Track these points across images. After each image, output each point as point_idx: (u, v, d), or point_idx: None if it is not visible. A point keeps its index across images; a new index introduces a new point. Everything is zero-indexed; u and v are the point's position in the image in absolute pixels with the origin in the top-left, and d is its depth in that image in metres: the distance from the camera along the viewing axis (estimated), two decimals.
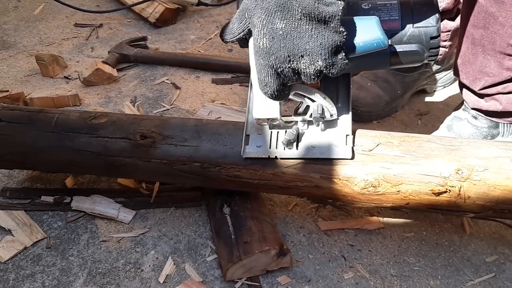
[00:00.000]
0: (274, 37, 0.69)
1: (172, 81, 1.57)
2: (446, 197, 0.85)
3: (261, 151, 0.88)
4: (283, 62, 0.71)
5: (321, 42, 0.69)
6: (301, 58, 0.70)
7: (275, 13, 0.68)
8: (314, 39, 0.69)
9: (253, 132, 0.90)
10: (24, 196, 1.11)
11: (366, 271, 0.94)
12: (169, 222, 1.05)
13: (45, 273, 0.95)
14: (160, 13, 1.91)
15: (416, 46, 0.80)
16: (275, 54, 0.70)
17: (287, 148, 0.87)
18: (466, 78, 1.12)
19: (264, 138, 0.89)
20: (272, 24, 0.69)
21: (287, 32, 0.69)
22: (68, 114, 1.02)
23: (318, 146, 0.86)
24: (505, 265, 0.95)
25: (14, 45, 1.81)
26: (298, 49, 0.69)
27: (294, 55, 0.70)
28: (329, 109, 0.84)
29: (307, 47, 0.69)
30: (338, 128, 0.87)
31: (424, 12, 0.80)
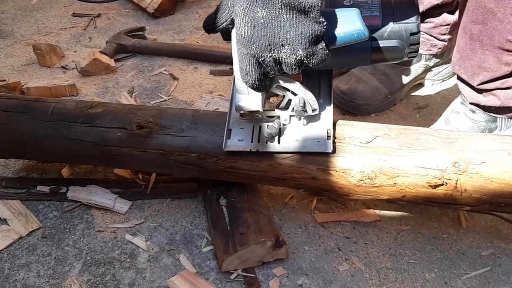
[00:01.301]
0: (255, 25, 0.69)
1: (170, 72, 1.57)
2: (442, 190, 0.85)
3: (242, 145, 0.88)
4: (264, 50, 0.70)
5: (302, 31, 0.68)
6: (281, 47, 0.70)
7: (256, 2, 0.68)
8: (294, 28, 0.68)
9: (235, 126, 0.90)
10: (20, 185, 1.11)
11: (361, 263, 0.94)
12: (165, 213, 1.05)
13: (40, 263, 0.94)
14: (158, 3, 1.90)
15: (397, 42, 0.80)
16: (256, 42, 0.70)
17: (269, 142, 0.87)
18: (464, 73, 1.12)
19: (246, 132, 0.89)
20: (253, 13, 0.69)
21: (267, 20, 0.69)
22: (64, 103, 1.01)
23: (299, 140, 0.87)
24: (501, 259, 0.95)
25: (11, 34, 1.80)
26: (278, 38, 0.69)
27: (275, 43, 0.70)
28: (311, 104, 0.85)
29: (287, 36, 0.69)
30: (320, 123, 0.88)
31: (405, 9, 0.81)
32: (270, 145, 0.87)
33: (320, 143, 0.86)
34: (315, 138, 0.87)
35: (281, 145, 0.87)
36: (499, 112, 1.13)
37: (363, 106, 1.35)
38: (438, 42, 1.35)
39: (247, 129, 0.90)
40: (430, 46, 1.36)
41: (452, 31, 1.34)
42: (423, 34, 1.34)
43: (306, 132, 0.88)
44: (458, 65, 1.13)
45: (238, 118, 0.90)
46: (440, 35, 1.34)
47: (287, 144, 0.87)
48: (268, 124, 0.88)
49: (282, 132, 0.88)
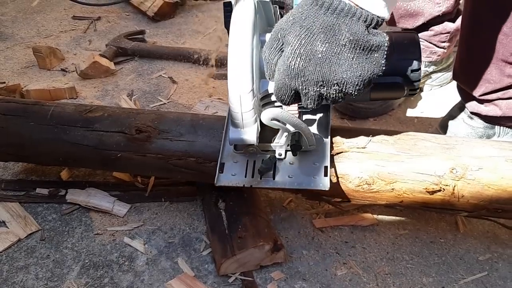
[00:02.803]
0: (310, 59, 0.64)
1: (169, 75, 1.57)
2: (440, 196, 0.85)
3: (235, 180, 0.84)
4: (312, 85, 0.66)
5: (361, 73, 0.64)
6: (333, 85, 0.65)
7: (318, 35, 0.63)
8: (353, 68, 0.64)
9: (229, 160, 0.86)
10: (19, 188, 1.11)
11: (359, 267, 0.95)
12: (164, 216, 1.05)
13: (39, 265, 0.95)
14: (158, 7, 1.90)
15: (398, 78, 0.79)
16: (306, 76, 0.65)
17: (263, 177, 0.83)
18: (466, 83, 1.12)
19: (240, 166, 0.85)
20: (311, 46, 0.63)
21: (326, 56, 0.63)
22: (63, 107, 1.01)
23: (295, 176, 0.83)
24: (498, 264, 0.96)
25: (11, 37, 1.80)
26: (334, 76, 0.64)
27: (328, 81, 0.65)
28: (308, 139, 0.81)
29: (344, 76, 0.64)
30: (317, 158, 0.84)
31: (406, 46, 0.80)
32: (264, 181, 0.83)
33: (316, 180, 0.82)
34: (311, 174, 0.83)
35: (276, 180, 0.83)
36: (500, 121, 1.13)
37: (362, 110, 1.36)
38: (437, 49, 1.36)
39: (241, 163, 0.85)
40: (430, 53, 1.37)
41: (452, 38, 1.34)
42: (423, 41, 1.35)
43: (302, 167, 0.84)
44: (459, 75, 1.13)
45: (232, 151, 0.87)
46: (440, 43, 1.35)
47: (282, 180, 0.83)
48: (263, 158, 0.84)
49: (277, 167, 0.84)
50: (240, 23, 0.71)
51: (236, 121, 0.77)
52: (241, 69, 0.70)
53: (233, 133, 0.79)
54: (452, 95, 1.44)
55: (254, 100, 0.74)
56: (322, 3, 0.62)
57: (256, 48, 0.73)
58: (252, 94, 0.73)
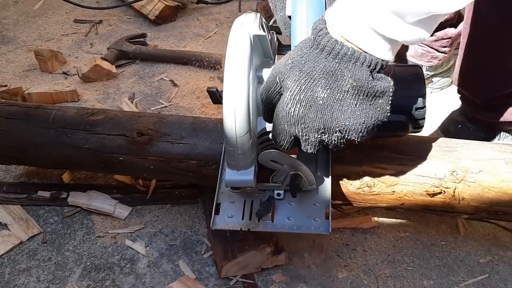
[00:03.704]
0: (311, 105, 0.60)
1: (170, 78, 1.58)
2: (440, 198, 0.85)
3: (232, 223, 0.80)
4: (313, 132, 0.62)
5: (364, 120, 0.60)
6: (335, 133, 0.61)
7: (319, 80, 0.59)
8: (357, 115, 0.60)
9: (225, 200, 0.82)
10: (21, 190, 1.11)
11: (360, 270, 0.95)
12: (165, 219, 1.06)
13: (41, 268, 0.95)
14: (159, 10, 1.91)
15: (401, 117, 0.76)
16: (306, 123, 0.61)
17: (261, 219, 0.80)
18: (467, 89, 1.12)
19: (237, 207, 0.81)
20: (312, 92, 0.59)
21: (328, 103, 0.59)
22: (65, 110, 1.02)
23: (295, 219, 0.79)
24: (499, 266, 0.96)
25: (13, 40, 1.81)
26: (336, 124, 0.60)
27: (330, 128, 0.61)
28: (308, 179, 0.77)
29: (346, 123, 0.60)
30: (317, 198, 0.81)
31: (410, 82, 0.77)
32: (262, 224, 0.80)
33: (317, 223, 0.78)
34: (312, 216, 0.79)
35: (275, 223, 0.79)
36: (501, 126, 1.13)
37: None
38: (438, 54, 1.36)
39: (238, 203, 0.82)
40: (431, 58, 1.37)
41: (452, 43, 1.35)
42: (424, 46, 1.35)
43: (301, 208, 0.80)
44: (460, 81, 1.13)
45: (229, 190, 0.83)
46: (441, 48, 1.35)
47: (281, 222, 0.79)
48: (261, 199, 0.81)
49: (276, 208, 0.81)
50: (235, 61, 0.65)
51: (233, 162, 0.72)
52: (236, 111, 0.65)
53: (230, 174, 0.74)
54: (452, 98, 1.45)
55: (251, 141, 0.70)
56: (323, 47, 0.58)
57: (252, 84, 0.69)
58: (249, 135, 0.68)
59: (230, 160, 0.72)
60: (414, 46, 1.37)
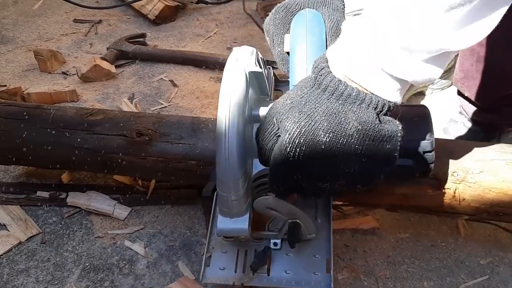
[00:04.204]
0: (312, 150, 0.54)
1: (170, 79, 1.57)
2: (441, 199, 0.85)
3: (224, 277, 0.73)
4: (314, 180, 0.57)
5: (371, 169, 0.55)
6: (338, 181, 0.56)
7: (321, 123, 0.53)
8: (362, 163, 0.54)
9: (217, 249, 0.76)
10: (20, 191, 1.11)
11: (360, 271, 0.94)
12: (165, 219, 1.05)
13: (39, 268, 0.95)
14: (159, 10, 1.91)
15: (408, 161, 0.71)
16: (307, 170, 0.56)
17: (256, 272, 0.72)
18: (468, 91, 1.12)
19: (229, 258, 0.75)
20: (313, 136, 0.53)
21: (331, 148, 0.53)
22: (65, 110, 1.02)
23: (293, 272, 0.72)
24: (499, 268, 0.95)
25: (12, 40, 1.81)
26: (339, 171, 0.55)
27: (332, 176, 0.56)
28: (307, 227, 0.71)
29: (351, 172, 0.54)
30: (317, 249, 0.74)
31: (416, 124, 0.73)
32: (257, 278, 0.72)
33: (318, 278, 0.71)
34: (312, 269, 0.72)
35: (271, 277, 0.72)
36: (501, 127, 1.13)
37: None
38: None
39: (231, 253, 0.75)
40: None
41: None
42: None
43: (300, 261, 0.73)
44: (461, 83, 1.13)
45: (221, 238, 0.76)
46: None
47: (278, 276, 0.72)
48: (256, 248, 0.74)
49: (272, 260, 0.74)
50: (229, 99, 0.60)
51: (225, 209, 0.65)
52: (230, 153, 0.60)
53: (222, 222, 0.67)
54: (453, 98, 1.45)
55: (246, 185, 0.64)
56: (325, 87, 0.53)
57: (248, 123, 0.64)
58: (243, 179, 0.62)
59: (223, 206, 0.65)
60: None
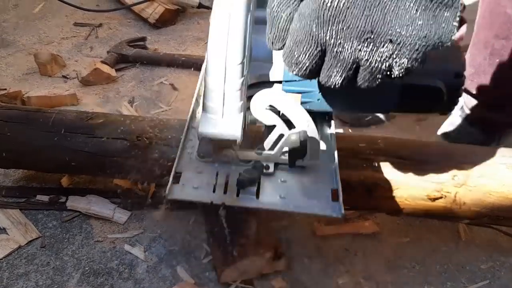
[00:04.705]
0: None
1: (170, 82, 1.57)
2: (441, 203, 0.85)
3: (197, 195, 0.60)
4: (353, 38, 0.44)
5: (426, 34, 0.43)
6: (383, 44, 0.44)
7: None
8: (417, 25, 0.43)
9: (189, 168, 0.62)
10: (20, 194, 1.11)
11: (361, 276, 0.94)
12: (164, 224, 1.05)
13: (39, 272, 0.94)
14: (160, 14, 1.91)
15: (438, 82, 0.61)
16: (347, 22, 0.43)
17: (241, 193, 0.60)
18: (476, 87, 1.12)
19: (205, 178, 0.62)
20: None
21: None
22: (65, 114, 1.01)
23: (289, 197, 0.60)
24: (500, 272, 0.95)
25: (13, 44, 1.81)
26: (388, 29, 0.43)
27: (379, 34, 0.43)
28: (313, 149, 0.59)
29: (403, 32, 0.43)
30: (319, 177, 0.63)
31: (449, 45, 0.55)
32: (243, 199, 0.59)
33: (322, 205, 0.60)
34: (314, 195, 0.61)
35: (262, 200, 0.60)
36: (501, 127, 1.13)
37: (364, 117, 1.36)
38: None
39: (208, 174, 0.62)
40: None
41: None
42: None
43: (299, 187, 0.61)
44: (470, 79, 1.13)
45: (195, 157, 0.64)
46: None
47: (271, 200, 0.60)
48: (240, 172, 0.60)
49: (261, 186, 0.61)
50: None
51: (212, 104, 0.52)
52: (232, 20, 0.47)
53: (206, 123, 0.53)
54: None
55: (243, 80, 0.52)
56: None
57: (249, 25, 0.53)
58: (242, 68, 0.51)
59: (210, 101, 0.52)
60: None
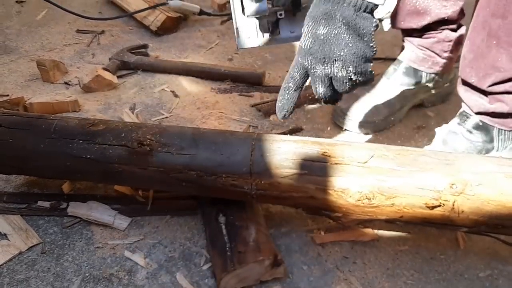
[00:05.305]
0: (315, 40, 0.78)
1: (171, 89, 1.58)
2: (439, 211, 0.85)
3: (251, 43, 1.08)
4: (318, 63, 0.79)
5: (355, 51, 0.77)
6: (334, 62, 0.78)
7: (320, 21, 0.78)
8: (349, 47, 0.77)
9: (241, 24, 1.07)
10: (21, 200, 1.11)
11: (359, 283, 0.94)
12: (165, 230, 1.06)
13: (39, 278, 0.95)
14: (161, 21, 1.93)
15: None
16: (313, 54, 0.79)
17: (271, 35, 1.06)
18: (475, 74, 1.11)
19: (252, 29, 1.08)
20: (316, 30, 0.78)
21: (327, 37, 0.77)
22: (67, 121, 1.02)
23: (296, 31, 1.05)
24: (498, 281, 0.95)
25: (15, 50, 1.82)
26: (333, 54, 0.77)
27: (329, 58, 0.78)
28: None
29: (341, 54, 0.77)
30: None
31: None
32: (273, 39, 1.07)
33: None
34: None
35: (281, 36, 1.06)
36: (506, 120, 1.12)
37: (363, 125, 1.36)
38: (440, 60, 1.36)
39: (252, 26, 1.07)
40: (432, 63, 1.37)
41: (453, 50, 1.35)
42: (425, 50, 1.36)
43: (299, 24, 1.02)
44: (469, 67, 1.12)
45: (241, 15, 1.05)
46: (443, 52, 1.35)
47: (286, 35, 1.06)
48: (267, 20, 1.05)
49: (280, 26, 1.06)
50: None
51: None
52: None
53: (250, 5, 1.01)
54: (452, 110, 1.45)
55: None
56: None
57: None
58: None
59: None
60: (415, 50, 1.37)
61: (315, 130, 1.40)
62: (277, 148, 0.91)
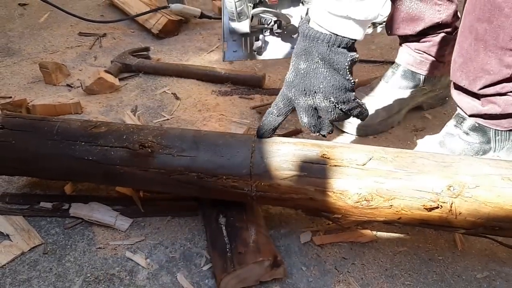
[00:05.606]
0: (297, 74, 0.87)
1: (172, 92, 1.60)
2: (437, 213, 0.86)
3: (237, 56, 1.22)
4: (300, 95, 0.88)
5: (333, 83, 0.84)
6: (315, 94, 0.86)
7: (301, 56, 0.85)
8: (327, 80, 0.84)
9: (229, 39, 1.21)
10: (23, 201, 1.12)
11: (358, 284, 0.95)
12: (165, 231, 1.07)
13: (41, 278, 0.96)
14: (163, 24, 1.94)
15: None
16: (295, 87, 0.87)
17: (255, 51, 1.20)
18: (466, 78, 1.12)
19: (238, 44, 1.21)
20: (298, 64, 0.86)
21: (307, 72, 0.85)
22: (69, 123, 1.03)
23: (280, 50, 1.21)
24: (496, 282, 0.96)
25: (18, 52, 1.84)
26: (313, 86, 0.85)
27: (310, 90, 0.86)
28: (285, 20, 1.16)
29: (321, 86, 0.85)
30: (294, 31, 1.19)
31: None
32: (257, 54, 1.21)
33: None
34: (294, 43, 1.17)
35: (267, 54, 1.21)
36: (500, 121, 1.13)
37: (361, 128, 1.37)
38: (437, 63, 1.37)
39: (239, 41, 1.21)
40: (429, 66, 1.38)
41: (450, 53, 1.36)
42: (422, 53, 1.37)
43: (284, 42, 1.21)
44: (460, 70, 1.13)
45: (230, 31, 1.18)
46: (440, 55, 1.36)
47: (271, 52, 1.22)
48: (254, 36, 1.20)
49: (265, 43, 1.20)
50: None
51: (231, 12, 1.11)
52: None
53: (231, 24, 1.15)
54: (450, 112, 1.47)
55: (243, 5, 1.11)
56: (302, 33, 0.85)
57: None
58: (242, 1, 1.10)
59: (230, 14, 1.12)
60: (413, 53, 1.38)
61: None
62: (276, 150, 0.93)
